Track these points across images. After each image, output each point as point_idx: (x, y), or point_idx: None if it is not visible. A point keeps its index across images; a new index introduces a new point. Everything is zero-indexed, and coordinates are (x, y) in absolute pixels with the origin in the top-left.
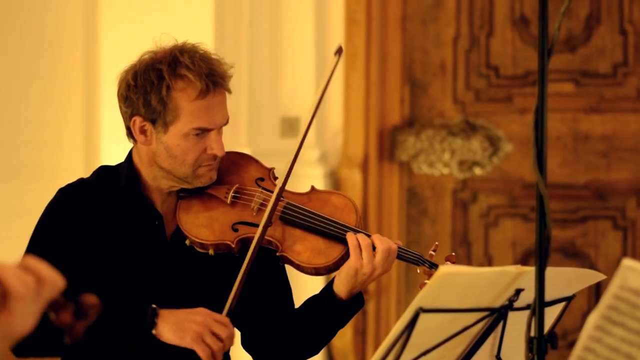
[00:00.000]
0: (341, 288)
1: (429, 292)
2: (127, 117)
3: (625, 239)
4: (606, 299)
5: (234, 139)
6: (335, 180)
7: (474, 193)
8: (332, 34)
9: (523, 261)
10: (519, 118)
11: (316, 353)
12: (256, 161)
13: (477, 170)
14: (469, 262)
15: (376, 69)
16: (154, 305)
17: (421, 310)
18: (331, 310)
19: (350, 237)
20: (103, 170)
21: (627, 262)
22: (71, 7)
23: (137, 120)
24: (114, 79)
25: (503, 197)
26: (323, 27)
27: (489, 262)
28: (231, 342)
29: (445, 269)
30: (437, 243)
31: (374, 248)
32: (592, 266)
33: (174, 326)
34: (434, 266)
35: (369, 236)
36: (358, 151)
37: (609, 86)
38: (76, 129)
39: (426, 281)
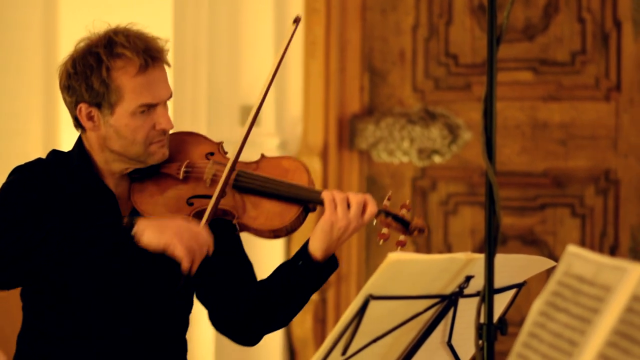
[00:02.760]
0: (317, 246)
1: (379, 279)
2: (73, 107)
3: (583, 227)
4: (550, 285)
5: (194, 128)
6: None
7: (434, 181)
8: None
9: (482, 249)
10: (478, 106)
11: (286, 323)
12: (204, 137)
13: (437, 159)
14: (428, 250)
15: (336, 57)
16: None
17: (371, 297)
18: (306, 272)
19: (325, 192)
20: (56, 154)
21: (571, 248)
22: None
23: (83, 107)
24: None
25: (462, 185)
26: (283, 15)
27: (449, 250)
28: (211, 248)
29: (395, 256)
30: (390, 191)
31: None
32: (551, 253)
33: (154, 226)
34: (389, 215)
35: None
36: (318, 140)
37: (567, 74)
38: (35, 119)
39: (384, 231)
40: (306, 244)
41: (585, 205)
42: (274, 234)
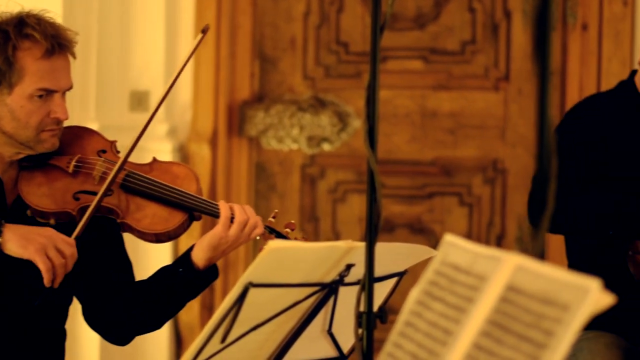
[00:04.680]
0: (201, 256)
1: (259, 267)
2: None
3: (470, 215)
4: (428, 274)
5: (82, 112)
6: (184, 155)
7: (322, 169)
8: (183, 7)
9: None
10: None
11: (160, 326)
12: (98, 134)
13: (326, 146)
14: (316, 237)
15: (226, 43)
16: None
17: (251, 285)
18: (186, 279)
19: (223, 207)
20: None
21: (448, 237)
22: None
23: None
24: None
25: (351, 173)
26: (174, 0)
27: (337, 238)
28: (72, 262)
29: (275, 243)
30: (276, 210)
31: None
32: (438, 242)
33: (20, 236)
34: (273, 232)
35: None
36: (207, 126)
37: (457, 64)
38: None
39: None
40: (189, 251)
41: (473, 194)
42: (157, 237)
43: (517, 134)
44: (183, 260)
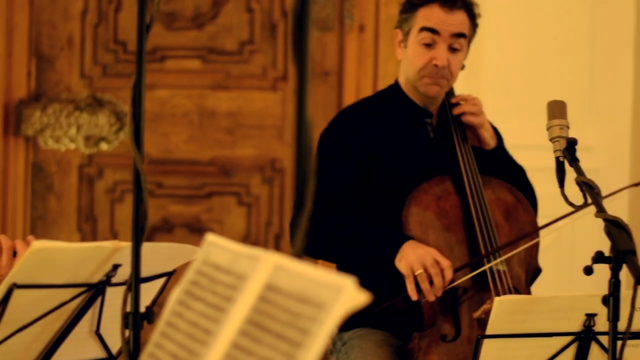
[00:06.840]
0: None
1: (23, 268)
2: None
3: (249, 215)
4: (189, 274)
5: None
6: None
7: (100, 168)
8: None
9: (148, 237)
10: (146, 94)
11: None
12: None
13: (104, 146)
14: (94, 237)
15: (2, 42)
16: None
17: (15, 286)
18: None
19: None
20: None
21: (210, 237)
22: None
23: None
24: None
25: (129, 173)
26: None
27: (115, 238)
28: None
29: (39, 244)
30: None
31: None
32: None
33: None
34: None
35: None
36: None
37: (236, 63)
38: None
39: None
40: None
41: (252, 194)
42: None
43: (295, 133)
44: None
